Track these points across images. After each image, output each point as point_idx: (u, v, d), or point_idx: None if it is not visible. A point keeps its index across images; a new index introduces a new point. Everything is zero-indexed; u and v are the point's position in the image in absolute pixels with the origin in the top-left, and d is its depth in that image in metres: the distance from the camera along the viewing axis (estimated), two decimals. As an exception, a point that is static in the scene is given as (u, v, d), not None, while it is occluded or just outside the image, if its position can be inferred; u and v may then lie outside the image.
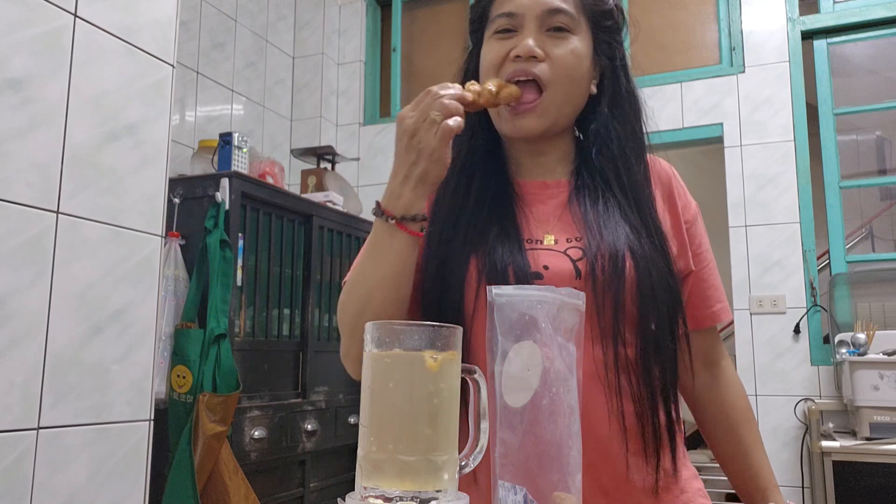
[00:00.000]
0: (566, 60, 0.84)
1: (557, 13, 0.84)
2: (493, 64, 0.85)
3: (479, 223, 0.85)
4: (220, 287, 2.25)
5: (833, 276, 2.81)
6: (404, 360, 0.62)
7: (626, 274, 0.82)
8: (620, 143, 0.88)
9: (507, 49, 0.84)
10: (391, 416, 0.62)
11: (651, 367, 0.83)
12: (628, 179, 0.88)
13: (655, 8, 3.29)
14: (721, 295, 0.96)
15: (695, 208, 0.95)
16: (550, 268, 0.83)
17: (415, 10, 3.79)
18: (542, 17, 0.84)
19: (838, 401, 2.63)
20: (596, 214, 0.85)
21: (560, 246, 0.84)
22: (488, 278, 0.81)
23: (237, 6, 3.23)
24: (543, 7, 0.84)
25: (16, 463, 1.24)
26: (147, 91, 1.56)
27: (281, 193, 2.63)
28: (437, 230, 0.86)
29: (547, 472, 0.61)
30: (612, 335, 0.81)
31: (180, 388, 2.17)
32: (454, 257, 0.84)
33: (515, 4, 0.84)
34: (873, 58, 3.79)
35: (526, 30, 0.84)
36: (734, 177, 2.96)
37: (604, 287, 0.81)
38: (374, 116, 3.71)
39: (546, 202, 0.88)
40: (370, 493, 0.61)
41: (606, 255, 0.81)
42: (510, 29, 0.85)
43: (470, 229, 0.85)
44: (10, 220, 1.25)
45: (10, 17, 1.26)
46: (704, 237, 0.94)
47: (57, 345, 1.33)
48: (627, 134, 0.89)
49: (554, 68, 0.83)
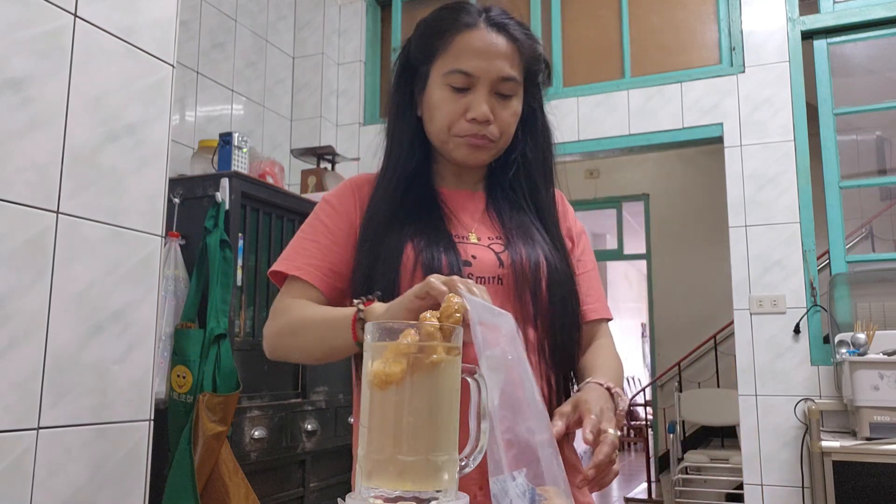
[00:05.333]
0: (509, 121, 1.00)
1: (507, 81, 0.97)
2: (449, 118, 0.98)
3: (412, 220, 0.98)
4: (220, 287, 2.25)
5: (833, 276, 2.81)
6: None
7: (540, 267, 0.98)
8: (531, 169, 1.05)
9: (462, 108, 0.97)
10: (391, 417, 0.62)
11: (558, 349, 0.98)
12: (537, 197, 1.05)
13: (655, 8, 3.29)
14: (598, 296, 1.09)
15: (581, 227, 1.13)
16: (477, 258, 0.97)
17: (415, 10, 3.79)
18: (495, 82, 0.97)
19: (838, 401, 2.63)
20: (510, 220, 1.02)
21: (483, 242, 1.00)
22: (424, 265, 0.92)
23: (237, 6, 3.23)
24: (498, 74, 0.96)
25: (16, 463, 1.24)
26: (147, 91, 1.55)
27: (281, 193, 2.63)
28: (375, 222, 0.98)
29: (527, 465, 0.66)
30: (532, 319, 0.96)
31: (180, 388, 2.17)
32: (391, 242, 0.95)
33: (474, 66, 0.95)
34: (873, 58, 3.79)
35: (479, 91, 0.96)
36: (734, 177, 2.96)
37: (524, 274, 0.96)
38: (374, 116, 3.70)
39: (467, 208, 1.04)
40: (370, 493, 0.61)
41: (524, 250, 0.98)
42: (464, 88, 0.97)
43: (405, 223, 0.97)
44: (10, 220, 1.25)
45: (10, 17, 1.26)
46: (588, 250, 1.12)
47: (57, 345, 1.33)
48: (539, 162, 1.06)
49: (500, 127, 0.99)
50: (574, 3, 3.44)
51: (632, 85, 3.18)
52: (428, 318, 0.67)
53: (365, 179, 1.07)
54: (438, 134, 1.00)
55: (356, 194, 1.04)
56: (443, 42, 0.98)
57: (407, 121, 1.03)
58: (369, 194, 1.03)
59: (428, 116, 1.01)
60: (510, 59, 0.98)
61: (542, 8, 3.46)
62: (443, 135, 0.99)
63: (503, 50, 0.97)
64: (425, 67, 1.01)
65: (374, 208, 1.00)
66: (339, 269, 0.99)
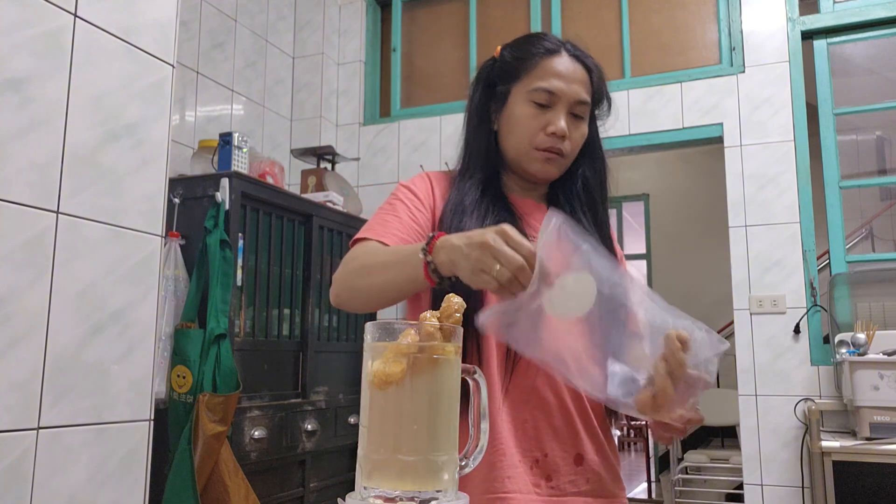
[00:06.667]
0: (579, 140, 1.12)
1: (582, 104, 1.10)
2: (530, 130, 1.10)
3: (490, 217, 1.08)
4: (220, 287, 2.25)
5: (833, 276, 2.81)
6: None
7: None
8: (590, 187, 1.18)
9: (542, 123, 1.09)
10: (391, 417, 0.62)
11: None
12: (595, 211, 1.17)
13: (655, 7, 3.29)
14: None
15: (621, 252, 1.25)
16: None
17: (415, 10, 3.79)
18: (572, 104, 1.09)
19: (838, 401, 2.63)
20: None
21: None
22: None
23: (237, 6, 3.23)
24: (575, 97, 1.09)
25: (16, 463, 1.24)
26: (147, 91, 1.55)
27: (281, 193, 2.63)
28: (457, 210, 1.08)
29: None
30: None
31: (180, 388, 2.17)
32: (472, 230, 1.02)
33: (557, 87, 1.08)
34: (873, 58, 3.80)
35: (558, 109, 1.09)
36: (734, 177, 2.96)
37: None
38: (374, 116, 3.70)
39: (534, 214, 1.15)
40: (370, 493, 0.61)
41: None
42: (545, 105, 1.09)
43: (484, 217, 1.07)
44: (10, 220, 1.25)
45: (10, 17, 1.26)
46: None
47: (57, 345, 1.33)
48: (597, 182, 1.18)
49: (572, 145, 1.11)
50: (574, 3, 3.44)
51: (632, 85, 3.18)
52: (428, 318, 0.67)
53: (442, 174, 1.18)
54: (518, 146, 1.11)
55: (435, 185, 1.15)
56: (529, 63, 1.11)
57: (484, 132, 1.15)
58: (447, 189, 1.14)
59: (507, 130, 1.12)
60: (585, 86, 1.11)
61: (542, 8, 3.46)
62: (522, 147, 1.10)
63: (581, 77, 1.10)
64: (506, 86, 1.13)
65: (455, 200, 1.10)
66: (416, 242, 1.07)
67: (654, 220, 6.65)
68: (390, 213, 1.09)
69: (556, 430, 1.03)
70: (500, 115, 1.14)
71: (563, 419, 1.03)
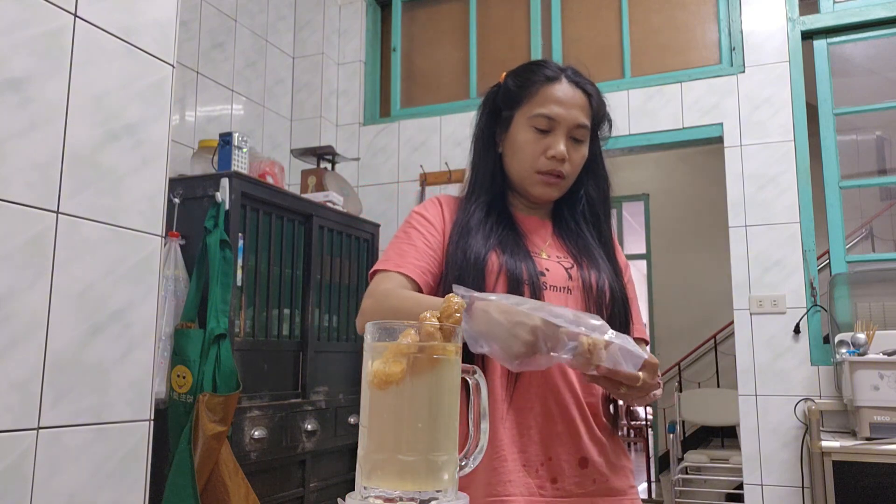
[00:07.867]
0: (579, 162, 1.17)
1: (581, 128, 1.15)
2: (531, 155, 1.15)
3: (493, 235, 1.14)
4: (220, 287, 2.25)
5: (833, 276, 2.81)
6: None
7: (605, 284, 1.14)
8: (594, 204, 1.23)
9: (543, 147, 1.14)
10: (391, 417, 0.62)
11: None
12: (599, 228, 1.22)
13: (655, 7, 3.29)
14: (639, 319, 1.24)
15: (626, 262, 1.29)
16: (550, 270, 1.14)
17: (415, 10, 3.79)
18: (571, 128, 1.14)
19: (838, 401, 2.63)
20: (576, 245, 1.19)
21: (553, 258, 1.16)
22: (507, 271, 1.08)
23: (237, 6, 3.23)
24: (574, 122, 1.14)
25: (16, 463, 1.24)
26: (147, 91, 1.55)
27: (281, 193, 2.63)
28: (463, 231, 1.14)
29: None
30: None
31: (180, 388, 2.17)
32: (477, 250, 1.11)
33: (556, 112, 1.13)
34: (873, 58, 3.80)
35: (558, 134, 1.14)
36: (734, 177, 2.96)
37: (591, 288, 1.13)
38: (374, 116, 3.70)
39: (538, 231, 1.21)
40: (370, 493, 0.61)
41: (590, 269, 1.15)
42: (546, 130, 1.14)
43: (489, 235, 1.14)
44: (10, 220, 1.25)
45: (10, 17, 1.26)
46: (631, 282, 1.26)
47: (57, 345, 1.33)
48: (601, 200, 1.24)
49: (571, 167, 1.17)
50: (574, 3, 3.44)
51: (632, 85, 3.18)
52: (428, 318, 0.67)
53: (452, 198, 1.25)
54: (520, 170, 1.17)
55: (445, 208, 1.21)
56: (531, 91, 1.16)
57: (490, 156, 1.21)
58: (455, 212, 1.20)
59: (510, 153, 1.18)
60: (584, 110, 1.16)
61: (542, 8, 3.46)
62: (524, 171, 1.16)
63: (580, 102, 1.15)
64: (510, 112, 1.18)
65: (462, 221, 1.16)
66: (432, 269, 1.14)
67: (654, 220, 6.66)
68: (405, 243, 1.15)
69: (559, 435, 1.06)
70: (504, 139, 1.20)
71: (565, 425, 1.06)
